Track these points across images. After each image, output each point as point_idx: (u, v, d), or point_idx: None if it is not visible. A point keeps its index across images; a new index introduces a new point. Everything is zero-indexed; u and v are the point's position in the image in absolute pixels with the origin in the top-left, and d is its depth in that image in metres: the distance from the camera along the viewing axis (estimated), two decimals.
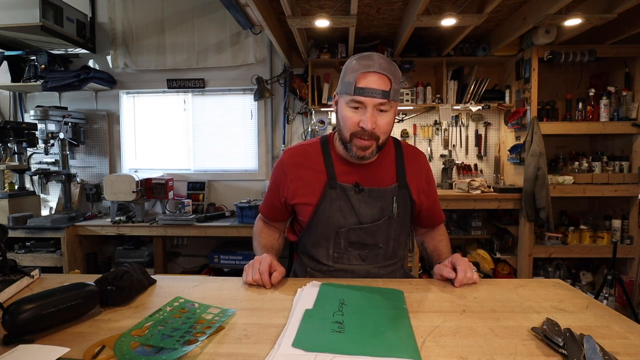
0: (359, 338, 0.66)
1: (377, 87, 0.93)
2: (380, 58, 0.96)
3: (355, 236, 1.06)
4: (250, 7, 2.10)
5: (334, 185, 1.05)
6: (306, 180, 1.08)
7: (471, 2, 2.25)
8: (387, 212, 1.06)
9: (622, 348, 0.64)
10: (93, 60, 3.32)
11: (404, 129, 3.27)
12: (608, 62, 2.96)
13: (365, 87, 0.93)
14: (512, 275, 2.96)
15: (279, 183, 1.13)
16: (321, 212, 1.06)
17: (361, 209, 1.05)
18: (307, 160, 1.10)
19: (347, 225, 1.05)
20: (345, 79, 0.98)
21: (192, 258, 3.42)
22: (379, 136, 0.98)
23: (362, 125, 0.96)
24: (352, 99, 0.95)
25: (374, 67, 0.94)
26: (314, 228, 1.09)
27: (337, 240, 1.07)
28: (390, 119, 0.99)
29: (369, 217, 1.06)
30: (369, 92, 0.93)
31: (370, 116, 0.95)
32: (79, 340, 0.66)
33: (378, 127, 0.97)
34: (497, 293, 0.89)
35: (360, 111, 0.96)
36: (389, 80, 0.94)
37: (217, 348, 0.64)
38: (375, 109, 0.95)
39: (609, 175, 2.75)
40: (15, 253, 2.77)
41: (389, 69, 0.95)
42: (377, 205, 1.06)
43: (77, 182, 3.26)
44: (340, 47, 3.01)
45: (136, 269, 0.90)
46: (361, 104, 0.95)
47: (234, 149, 3.38)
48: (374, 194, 1.06)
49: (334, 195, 1.05)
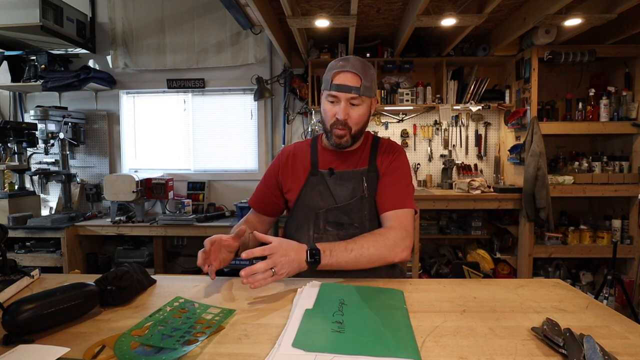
0: (359, 338, 0.66)
1: (349, 83, 1.08)
2: (355, 60, 1.11)
3: (332, 216, 1.15)
4: (250, 7, 2.10)
5: (315, 173, 1.19)
6: (295, 170, 1.22)
7: (471, 2, 2.25)
8: (358, 193, 1.15)
9: (622, 348, 0.64)
10: (93, 60, 3.32)
11: (404, 129, 3.27)
12: (608, 62, 2.96)
13: (339, 83, 1.09)
14: (512, 275, 2.96)
15: (273, 172, 1.26)
16: (303, 196, 1.18)
17: (336, 191, 1.16)
18: (297, 154, 1.25)
19: (325, 206, 1.16)
20: (325, 77, 1.14)
21: (192, 258, 3.42)
22: (351, 127, 1.12)
23: (337, 116, 1.11)
24: (329, 93, 1.12)
25: (347, 67, 1.09)
26: (297, 212, 1.20)
27: (316, 221, 1.16)
28: (363, 112, 1.12)
29: (343, 198, 1.16)
30: (341, 88, 1.09)
31: (343, 108, 1.10)
32: (79, 340, 0.66)
33: (350, 118, 1.11)
34: (497, 293, 0.89)
35: (336, 104, 1.12)
36: (360, 78, 1.08)
37: (217, 348, 0.64)
38: (347, 103, 1.10)
39: (609, 175, 2.75)
40: (15, 253, 2.76)
41: (361, 68, 1.09)
42: (349, 187, 1.16)
43: (77, 182, 3.26)
44: (340, 47, 3.01)
45: (136, 269, 0.90)
46: (336, 98, 1.11)
47: (234, 149, 3.38)
48: (345, 176, 1.17)
49: (315, 181, 1.18)
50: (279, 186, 1.25)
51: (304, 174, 1.21)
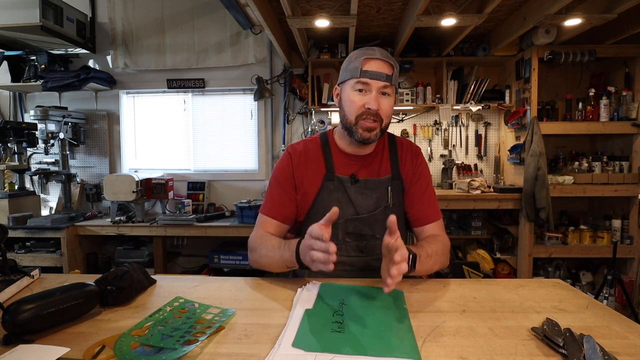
0: (359, 338, 0.66)
1: (382, 70, 1.00)
2: (382, 49, 1.04)
3: (352, 227, 1.08)
4: (250, 7, 2.10)
5: (331, 177, 1.09)
6: (309, 172, 1.10)
7: (471, 2, 2.25)
8: (382, 203, 1.09)
9: (622, 348, 0.64)
10: (93, 60, 3.32)
11: (404, 129, 3.27)
12: (608, 62, 2.96)
13: (370, 70, 1.00)
14: (512, 275, 2.96)
15: (288, 173, 1.11)
16: (319, 203, 1.08)
17: (357, 200, 1.08)
18: (308, 153, 1.13)
19: (345, 216, 1.07)
20: (350, 66, 1.04)
21: (192, 258, 3.42)
22: (383, 118, 1.03)
23: (368, 106, 1.00)
24: (359, 80, 1.01)
25: (377, 54, 1.01)
26: (312, 220, 1.07)
27: (335, 231, 1.06)
28: (392, 103, 1.05)
29: (365, 208, 1.08)
30: (374, 75, 1.00)
31: (375, 97, 1.00)
32: (79, 340, 0.66)
33: (382, 109, 1.02)
34: (497, 293, 0.89)
35: (366, 94, 1.02)
36: (391, 66, 1.02)
37: (217, 348, 0.64)
38: (378, 92, 1.01)
39: (609, 175, 2.75)
40: (15, 253, 2.76)
41: (390, 57, 1.03)
42: (373, 196, 1.08)
43: (77, 182, 3.26)
44: (340, 47, 3.01)
45: (136, 269, 0.90)
46: (367, 85, 1.01)
47: (234, 149, 3.38)
48: (370, 184, 1.09)
49: (332, 187, 1.08)
50: (296, 188, 1.11)
51: (318, 177, 1.10)
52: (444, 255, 1.02)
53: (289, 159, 1.12)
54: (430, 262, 0.94)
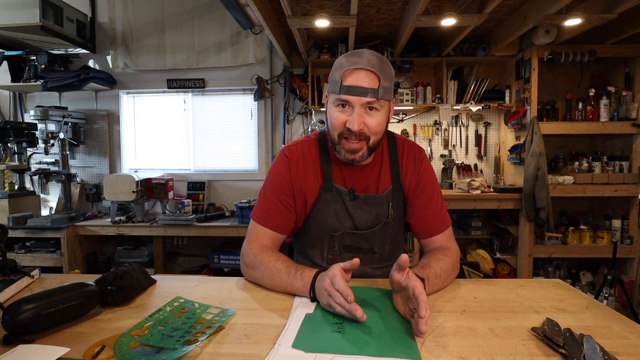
0: (359, 338, 0.66)
1: (365, 85, 0.87)
2: (370, 55, 0.90)
3: (349, 240, 1.03)
4: (250, 7, 2.10)
5: (329, 188, 1.01)
6: (307, 179, 1.03)
7: (471, 2, 2.25)
8: (382, 218, 1.03)
9: (622, 348, 0.64)
10: (93, 60, 3.32)
11: (403, 129, 3.27)
12: (608, 62, 2.96)
13: (351, 85, 0.88)
14: (512, 275, 2.96)
15: (285, 180, 1.02)
16: (315, 213, 1.03)
17: (356, 215, 1.02)
18: (307, 158, 1.04)
19: (342, 229, 1.02)
20: (333, 77, 0.93)
21: (192, 258, 3.42)
22: (369, 137, 0.92)
23: (348, 125, 0.90)
24: (338, 97, 0.90)
25: (362, 63, 0.88)
26: (308, 229, 1.06)
27: (331, 243, 1.03)
28: (381, 119, 0.92)
29: (364, 223, 1.02)
30: (355, 91, 0.87)
31: (357, 116, 0.89)
32: (79, 340, 0.66)
33: (367, 128, 0.91)
34: (497, 293, 0.89)
35: (348, 111, 0.91)
36: (377, 78, 0.88)
37: (217, 348, 0.64)
38: (363, 108, 0.90)
39: (609, 175, 2.75)
40: (15, 253, 2.76)
41: (378, 65, 0.89)
42: (373, 212, 1.02)
43: (77, 182, 3.26)
44: (340, 47, 3.01)
45: (136, 269, 0.90)
46: (348, 103, 0.90)
47: (233, 149, 3.38)
48: (370, 200, 1.02)
49: (329, 198, 1.01)
50: (295, 197, 1.02)
51: (315, 185, 1.02)
52: (454, 272, 0.94)
53: (286, 164, 1.02)
54: (439, 282, 0.88)
